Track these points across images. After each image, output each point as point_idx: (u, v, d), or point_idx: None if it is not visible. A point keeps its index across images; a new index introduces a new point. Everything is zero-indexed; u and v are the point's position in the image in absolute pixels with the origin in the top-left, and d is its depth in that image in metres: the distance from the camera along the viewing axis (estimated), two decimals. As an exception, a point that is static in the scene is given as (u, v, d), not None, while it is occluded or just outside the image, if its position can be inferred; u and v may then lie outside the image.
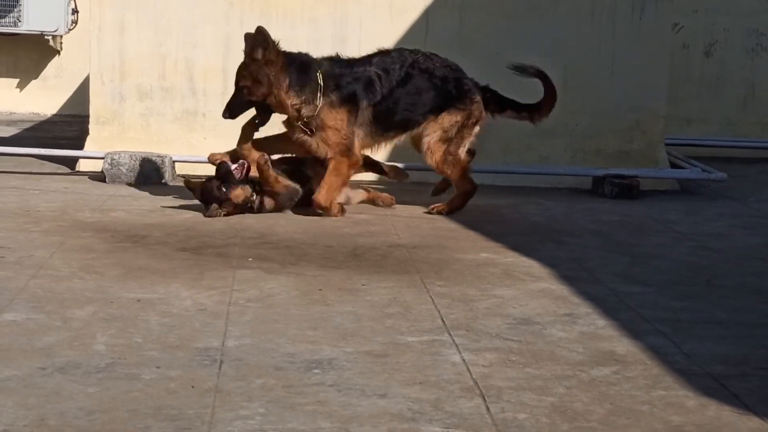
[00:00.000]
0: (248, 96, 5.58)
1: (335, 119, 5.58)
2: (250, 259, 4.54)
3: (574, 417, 2.92)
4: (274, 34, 6.32)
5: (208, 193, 5.49)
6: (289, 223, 5.34)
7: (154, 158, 6.43)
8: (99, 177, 6.42)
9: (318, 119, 5.56)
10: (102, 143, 6.72)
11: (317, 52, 6.63)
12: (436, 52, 6.05)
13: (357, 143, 5.65)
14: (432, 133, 5.80)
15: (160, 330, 3.49)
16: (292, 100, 5.55)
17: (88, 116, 6.95)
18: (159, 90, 6.80)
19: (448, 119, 5.81)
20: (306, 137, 5.59)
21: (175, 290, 3.99)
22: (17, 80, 10.09)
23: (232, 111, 5.64)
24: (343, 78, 5.66)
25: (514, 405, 2.98)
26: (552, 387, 3.14)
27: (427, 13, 6.94)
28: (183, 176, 6.51)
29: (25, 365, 3.09)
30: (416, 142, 5.92)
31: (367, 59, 5.81)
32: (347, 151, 5.60)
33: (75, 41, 9.74)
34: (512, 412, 2.93)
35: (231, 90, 6.52)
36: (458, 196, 5.88)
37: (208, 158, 5.70)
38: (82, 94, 9.26)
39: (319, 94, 5.56)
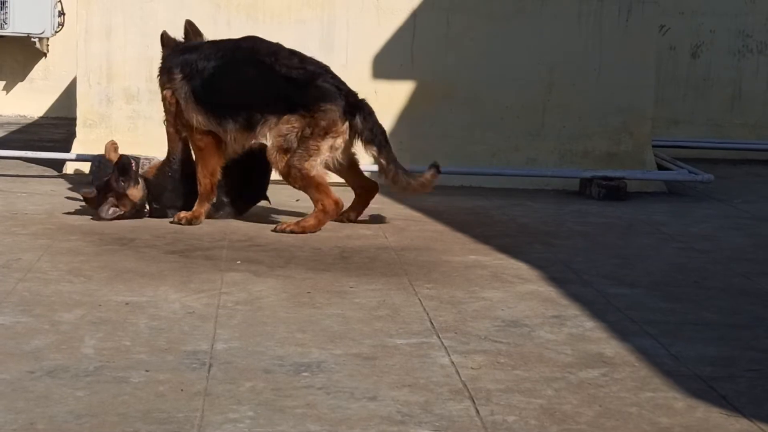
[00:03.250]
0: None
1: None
2: (239, 262, 4.53)
3: (563, 419, 2.92)
4: (262, 37, 6.30)
5: (104, 187, 5.22)
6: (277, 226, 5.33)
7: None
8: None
9: None
10: (89, 146, 6.70)
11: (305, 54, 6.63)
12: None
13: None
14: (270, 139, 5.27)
15: (149, 333, 3.49)
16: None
17: (74, 119, 6.94)
18: (146, 92, 6.78)
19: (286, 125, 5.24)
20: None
21: (164, 293, 3.98)
22: (3, 82, 10.06)
23: None
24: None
25: (504, 407, 2.98)
26: (541, 389, 3.14)
27: (415, 15, 6.94)
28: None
29: (13, 369, 3.08)
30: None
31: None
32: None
33: (61, 43, 9.71)
34: (501, 414, 2.93)
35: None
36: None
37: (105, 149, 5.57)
38: (68, 96, 9.24)
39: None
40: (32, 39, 9.56)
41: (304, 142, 5.21)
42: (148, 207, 5.38)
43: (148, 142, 6.71)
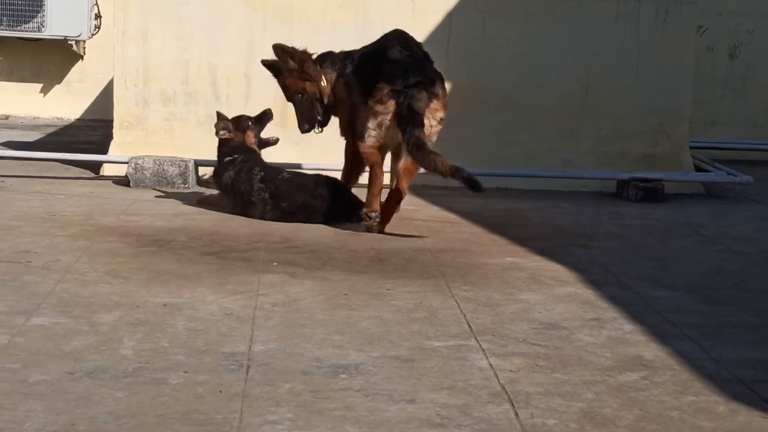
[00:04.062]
0: (308, 98, 5.72)
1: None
2: (275, 264, 4.54)
3: (603, 423, 2.90)
4: (296, 40, 6.31)
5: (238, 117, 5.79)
6: (313, 228, 5.33)
7: (177, 163, 6.44)
8: (123, 181, 6.43)
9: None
10: (126, 148, 6.73)
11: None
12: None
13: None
14: None
15: (187, 334, 3.49)
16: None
17: (111, 121, 6.97)
18: (182, 95, 6.81)
19: None
20: None
21: (201, 295, 3.99)
22: (41, 85, 10.13)
23: (308, 121, 5.78)
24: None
25: (543, 410, 2.96)
26: (580, 392, 3.12)
27: (450, 17, 6.92)
28: (207, 180, 6.53)
29: (53, 370, 3.09)
30: None
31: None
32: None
33: (98, 46, 9.76)
34: (541, 417, 2.91)
35: (254, 94, 6.58)
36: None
37: None
38: (105, 98, 9.29)
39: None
40: (69, 42, 9.62)
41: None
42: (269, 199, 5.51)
43: (184, 144, 6.75)
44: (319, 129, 5.85)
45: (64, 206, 5.63)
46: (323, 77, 5.72)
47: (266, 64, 5.82)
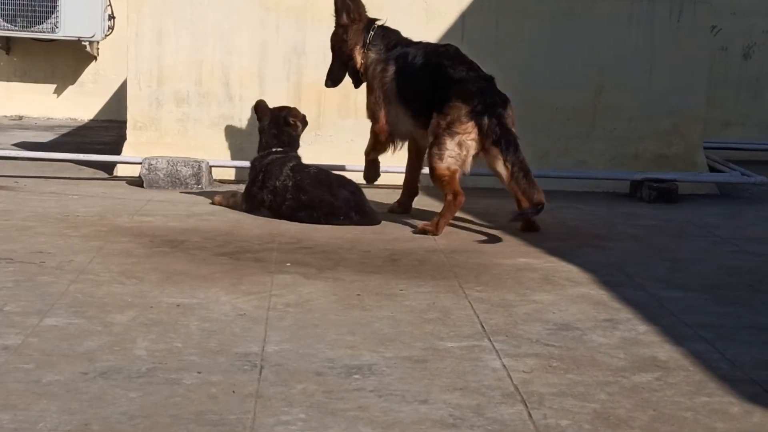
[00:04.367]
0: (340, 59, 5.80)
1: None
2: (288, 264, 4.54)
3: (617, 423, 2.89)
4: (310, 40, 6.33)
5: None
6: (325, 228, 5.33)
7: (191, 163, 6.44)
8: (137, 182, 6.44)
9: None
10: (139, 148, 6.75)
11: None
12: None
13: None
14: None
15: (201, 335, 3.49)
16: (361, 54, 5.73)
17: (124, 121, 6.99)
18: (196, 95, 6.82)
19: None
20: None
21: (214, 295, 3.99)
22: (54, 86, 10.15)
23: (333, 78, 5.90)
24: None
25: (557, 411, 2.96)
26: (594, 393, 3.11)
27: (464, 17, 6.92)
28: (220, 180, 6.54)
29: (67, 370, 3.10)
30: None
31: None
32: None
33: (112, 47, 9.78)
34: (554, 418, 2.91)
35: (267, 95, 6.56)
36: None
37: None
38: (118, 99, 9.31)
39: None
40: (83, 43, 9.64)
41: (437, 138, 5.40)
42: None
43: (197, 144, 6.76)
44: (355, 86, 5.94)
45: (77, 207, 5.64)
46: (358, 49, 5.74)
47: (336, 4, 5.85)
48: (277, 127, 5.83)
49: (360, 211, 5.50)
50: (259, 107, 5.89)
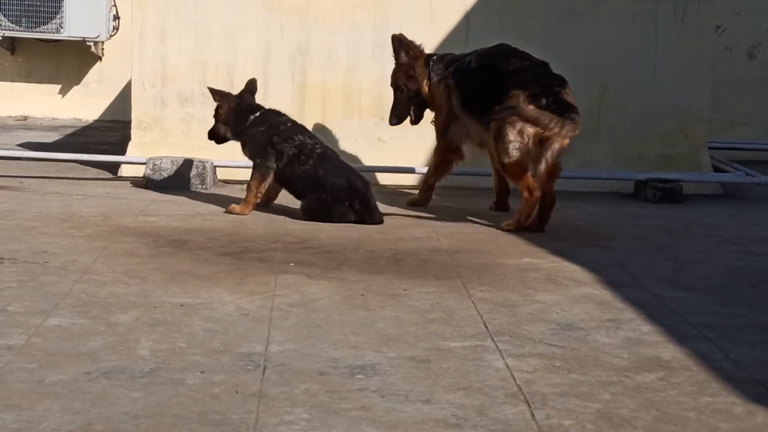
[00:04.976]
0: (406, 94, 5.97)
1: None
2: (292, 264, 4.54)
3: (620, 423, 2.89)
4: (314, 41, 6.34)
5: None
6: (330, 229, 5.34)
7: (195, 163, 6.45)
8: (141, 182, 6.45)
9: None
10: (144, 148, 6.75)
11: (357, 58, 6.68)
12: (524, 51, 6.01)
13: None
14: None
15: (204, 335, 3.50)
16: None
17: (129, 122, 7.00)
18: (200, 95, 6.82)
19: None
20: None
21: (218, 295, 3.99)
22: (59, 86, 10.17)
23: (398, 116, 6.07)
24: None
25: (560, 411, 2.95)
26: (597, 393, 3.11)
27: (468, 17, 6.92)
28: (224, 181, 6.54)
29: (70, 370, 3.10)
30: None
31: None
32: None
33: (116, 47, 9.80)
34: (557, 418, 2.91)
35: (271, 95, 6.57)
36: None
37: None
38: (123, 99, 9.33)
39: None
40: (87, 43, 9.65)
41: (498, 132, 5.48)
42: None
43: (202, 144, 6.75)
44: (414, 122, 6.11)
45: (82, 207, 5.65)
46: (425, 83, 5.92)
47: (394, 46, 6.01)
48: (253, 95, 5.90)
49: (365, 204, 5.50)
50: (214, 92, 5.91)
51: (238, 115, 5.80)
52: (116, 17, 9.75)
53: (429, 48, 6.80)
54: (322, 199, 5.49)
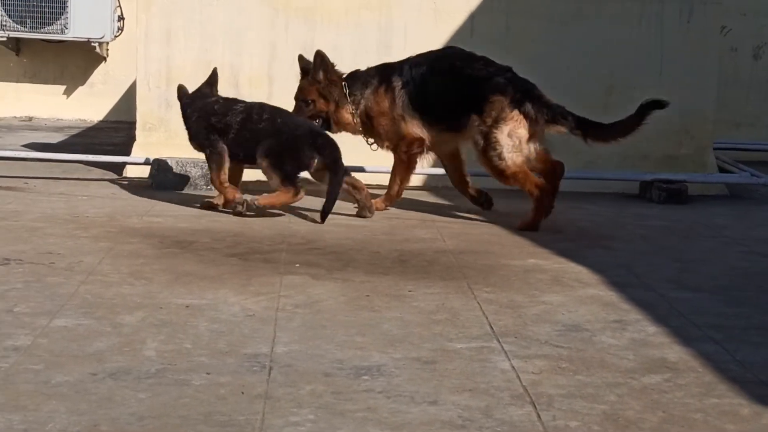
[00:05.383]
0: (312, 109, 5.90)
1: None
2: (297, 265, 4.54)
3: (626, 425, 2.89)
4: (319, 41, 6.33)
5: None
6: (336, 229, 5.34)
7: (200, 164, 6.44)
8: (146, 183, 6.45)
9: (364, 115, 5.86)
10: (149, 149, 6.75)
11: (362, 57, 6.66)
12: (482, 56, 6.02)
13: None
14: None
15: (210, 336, 3.50)
16: (349, 111, 5.88)
17: (134, 122, 7.00)
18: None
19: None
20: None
21: (224, 296, 3.99)
22: (64, 87, 10.17)
23: None
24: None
25: (566, 413, 2.95)
26: (603, 394, 3.11)
27: (473, 18, 6.91)
28: None
29: (76, 371, 3.10)
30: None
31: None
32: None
33: (121, 48, 9.80)
34: (563, 419, 2.90)
35: (276, 95, 6.56)
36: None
37: None
38: (128, 100, 9.32)
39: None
40: (92, 44, 9.65)
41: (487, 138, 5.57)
42: None
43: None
44: None
45: (87, 207, 5.65)
46: (348, 106, 5.87)
47: (302, 64, 5.99)
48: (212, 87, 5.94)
49: (330, 147, 5.55)
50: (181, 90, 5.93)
51: (183, 111, 5.84)
52: (121, 18, 9.75)
53: (435, 48, 6.81)
54: (282, 140, 5.51)
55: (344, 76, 5.92)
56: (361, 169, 6.33)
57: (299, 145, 5.49)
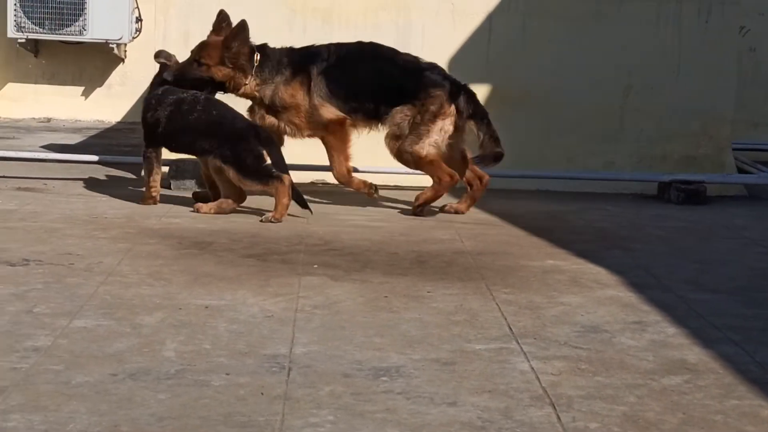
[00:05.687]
0: (204, 72, 5.87)
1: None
2: (316, 266, 4.54)
3: (647, 427, 2.88)
4: (337, 41, 6.32)
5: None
6: (353, 230, 5.34)
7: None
8: (164, 184, 6.45)
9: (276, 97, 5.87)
10: (166, 151, 6.75)
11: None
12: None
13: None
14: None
15: (229, 337, 3.50)
16: (253, 85, 5.86)
17: (152, 124, 7.00)
18: (223, 97, 6.82)
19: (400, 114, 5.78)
20: (273, 120, 5.90)
21: (242, 297, 4.00)
22: (82, 88, 10.21)
23: (181, 78, 5.91)
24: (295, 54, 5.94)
25: (585, 414, 2.95)
26: (623, 396, 3.10)
27: (491, 19, 6.91)
28: None
29: (96, 371, 3.11)
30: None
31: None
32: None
33: (139, 49, 9.83)
34: (583, 421, 2.90)
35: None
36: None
37: None
38: (146, 101, 9.34)
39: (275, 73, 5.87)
40: (110, 45, 9.69)
41: (416, 128, 5.73)
42: None
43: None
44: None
45: (105, 209, 5.67)
46: (255, 80, 5.86)
47: (218, 19, 5.99)
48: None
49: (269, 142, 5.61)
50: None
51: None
52: (139, 19, 9.79)
53: (452, 50, 6.82)
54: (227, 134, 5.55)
55: (255, 47, 5.91)
56: (391, 172, 6.40)
57: (242, 143, 5.55)
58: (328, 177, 6.13)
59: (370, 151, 6.04)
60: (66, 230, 5.04)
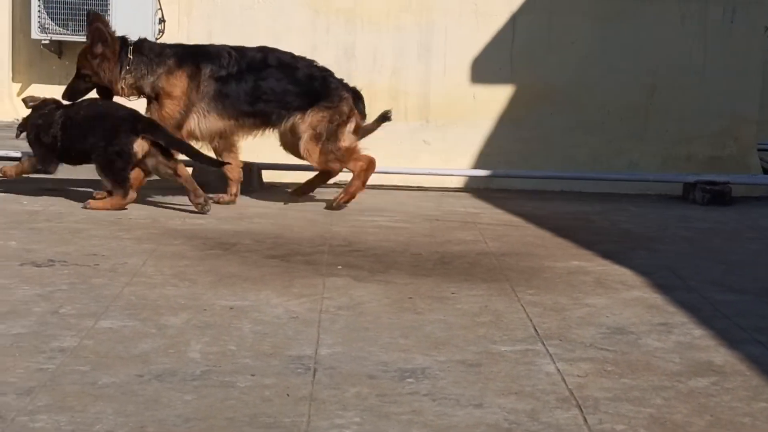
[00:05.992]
0: (90, 83, 6.03)
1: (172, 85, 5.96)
2: (339, 267, 4.54)
3: (674, 429, 2.86)
4: (359, 43, 6.34)
5: None
6: (376, 231, 5.34)
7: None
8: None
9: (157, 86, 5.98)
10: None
11: (403, 60, 6.68)
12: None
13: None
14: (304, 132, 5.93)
15: (254, 337, 3.50)
16: (131, 81, 5.96)
17: (175, 124, 7.01)
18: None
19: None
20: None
21: (266, 297, 4.00)
22: (105, 89, 10.22)
23: (72, 95, 6.07)
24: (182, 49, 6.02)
25: (612, 416, 2.93)
26: (650, 398, 3.08)
27: (514, 19, 6.90)
28: (270, 184, 6.53)
29: (122, 372, 3.12)
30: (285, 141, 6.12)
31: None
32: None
33: (162, 50, 9.84)
34: (610, 423, 2.88)
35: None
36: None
37: None
38: (169, 102, 9.35)
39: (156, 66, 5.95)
40: (134, 46, 9.69)
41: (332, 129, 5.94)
42: None
43: (248, 147, 6.76)
44: None
45: (129, 209, 5.68)
46: (125, 78, 5.95)
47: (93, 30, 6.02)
48: None
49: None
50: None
51: None
52: (162, 20, 9.81)
53: (475, 50, 6.81)
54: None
55: (132, 44, 5.97)
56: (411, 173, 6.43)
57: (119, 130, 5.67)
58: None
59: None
60: (91, 231, 5.06)
